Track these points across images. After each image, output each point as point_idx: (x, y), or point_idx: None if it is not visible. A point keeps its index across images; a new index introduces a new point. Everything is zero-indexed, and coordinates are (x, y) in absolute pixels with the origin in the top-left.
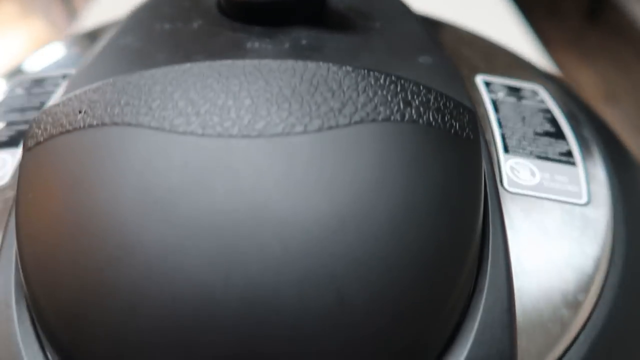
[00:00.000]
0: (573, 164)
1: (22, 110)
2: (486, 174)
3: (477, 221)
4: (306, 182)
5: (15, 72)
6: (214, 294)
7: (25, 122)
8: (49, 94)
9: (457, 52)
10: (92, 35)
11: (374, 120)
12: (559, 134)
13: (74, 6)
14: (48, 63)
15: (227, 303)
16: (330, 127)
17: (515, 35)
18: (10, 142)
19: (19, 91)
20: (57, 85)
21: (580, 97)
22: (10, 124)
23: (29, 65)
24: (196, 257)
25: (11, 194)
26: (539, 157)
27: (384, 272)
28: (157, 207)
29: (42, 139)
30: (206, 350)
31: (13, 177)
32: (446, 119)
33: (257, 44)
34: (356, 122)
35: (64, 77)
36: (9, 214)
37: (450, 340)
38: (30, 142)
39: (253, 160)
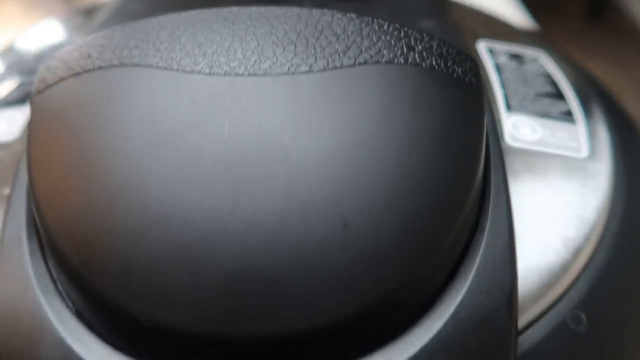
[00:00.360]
0: (574, 122)
1: (31, 72)
2: (487, 122)
3: (479, 157)
4: (311, 116)
5: (18, 43)
6: (222, 218)
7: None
8: None
9: (459, 22)
10: (94, 11)
11: (377, 62)
12: (559, 95)
13: (76, 6)
14: (53, 33)
15: (234, 227)
16: (334, 67)
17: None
18: (19, 100)
19: (28, 56)
20: None
21: (579, 63)
22: (19, 85)
23: (33, 35)
24: (204, 183)
25: (20, 147)
26: (541, 115)
27: (387, 199)
28: (167, 139)
29: (52, 82)
30: (213, 270)
31: (23, 132)
32: (449, 64)
33: None
34: (360, 64)
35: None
36: (19, 162)
37: (453, 273)
38: (41, 86)
39: (259, 95)
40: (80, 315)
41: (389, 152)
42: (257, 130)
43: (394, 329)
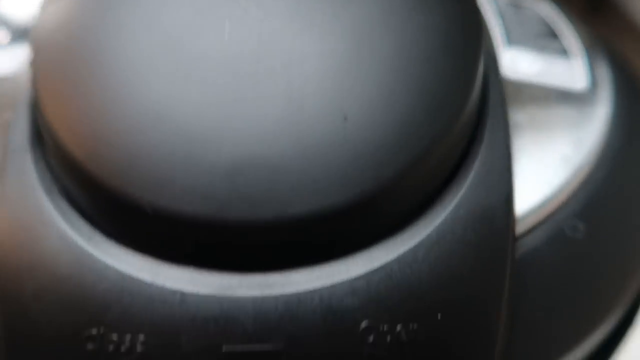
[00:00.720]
0: (573, 57)
1: (32, 17)
2: (484, 44)
3: (478, 62)
4: (311, 18)
5: None
6: (224, 110)
7: None
8: None
9: None
10: None
11: None
12: (560, 35)
13: None
14: None
15: (237, 117)
16: None
17: None
18: (22, 37)
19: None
20: None
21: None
22: (20, 26)
23: None
24: (207, 78)
25: (24, 78)
26: (540, 51)
27: (386, 96)
28: (168, 39)
29: None
30: (215, 157)
31: (26, 65)
32: None
33: None
34: None
35: None
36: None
37: (452, 176)
38: (45, 3)
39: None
40: (84, 213)
41: (388, 51)
42: (257, 30)
43: (393, 222)
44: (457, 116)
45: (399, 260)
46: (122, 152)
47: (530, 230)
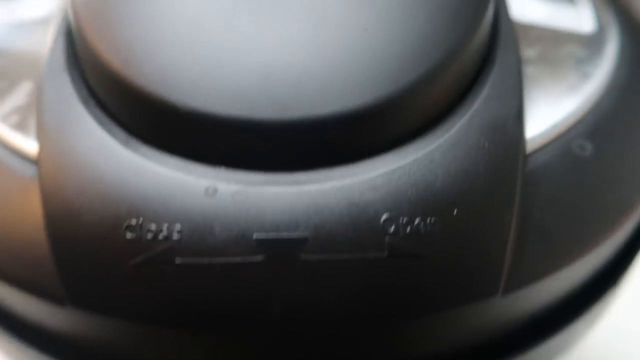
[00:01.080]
0: (580, 5)
1: None
2: None
3: None
4: None
5: None
6: (254, 21)
7: None
8: None
9: None
10: None
11: None
12: None
13: None
14: None
15: (265, 28)
16: None
17: None
18: None
19: None
20: None
21: None
22: None
23: None
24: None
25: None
26: None
27: (405, 10)
28: None
29: None
30: (245, 64)
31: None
32: None
33: None
34: None
35: None
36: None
37: (467, 90)
38: None
39: None
40: (120, 123)
41: None
42: None
43: (412, 128)
44: (472, 32)
45: (417, 161)
46: (156, 58)
47: (539, 149)
